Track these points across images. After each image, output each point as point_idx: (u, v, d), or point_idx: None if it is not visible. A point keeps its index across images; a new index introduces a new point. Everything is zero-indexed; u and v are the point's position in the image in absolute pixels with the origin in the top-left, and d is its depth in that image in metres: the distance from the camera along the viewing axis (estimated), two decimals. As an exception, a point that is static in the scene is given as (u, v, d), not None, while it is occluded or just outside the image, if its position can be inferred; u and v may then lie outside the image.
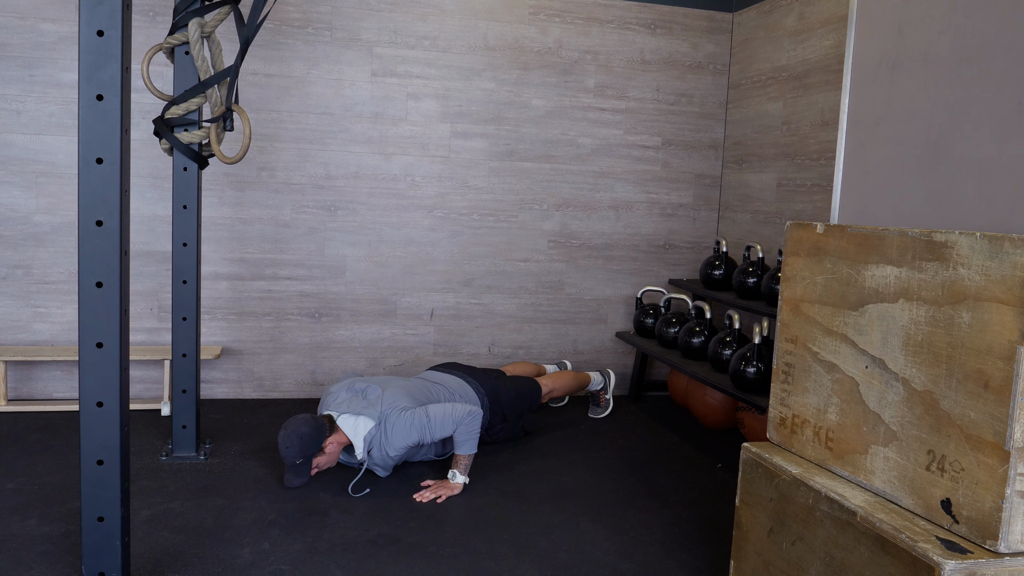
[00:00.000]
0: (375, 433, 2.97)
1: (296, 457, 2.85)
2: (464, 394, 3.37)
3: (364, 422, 2.98)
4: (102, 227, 1.92)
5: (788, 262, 2.13)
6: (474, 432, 2.98)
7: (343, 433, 2.97)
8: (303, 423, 2.88)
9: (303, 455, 2.86)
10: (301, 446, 2.85)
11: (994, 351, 1.53)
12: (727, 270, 3.87)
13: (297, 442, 2.85)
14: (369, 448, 2.98)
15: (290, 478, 2.89)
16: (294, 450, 2.85)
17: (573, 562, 2.46)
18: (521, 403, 3.55)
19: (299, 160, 4.00)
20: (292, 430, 2.86)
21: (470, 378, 3.47)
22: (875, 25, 2.20)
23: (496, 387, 3.48)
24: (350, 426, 2.97)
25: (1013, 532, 1.52)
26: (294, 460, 2.86)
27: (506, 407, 3.46)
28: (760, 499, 2.07)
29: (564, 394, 3.93)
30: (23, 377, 3.86)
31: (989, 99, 1.83)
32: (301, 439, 2.85)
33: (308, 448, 2.86)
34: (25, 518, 2.59)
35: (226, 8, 2.50)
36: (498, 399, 3.45)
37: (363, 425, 2.97)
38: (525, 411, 3.59)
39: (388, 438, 2.97)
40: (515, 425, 3.55)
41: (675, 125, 4.44)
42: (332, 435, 2.95)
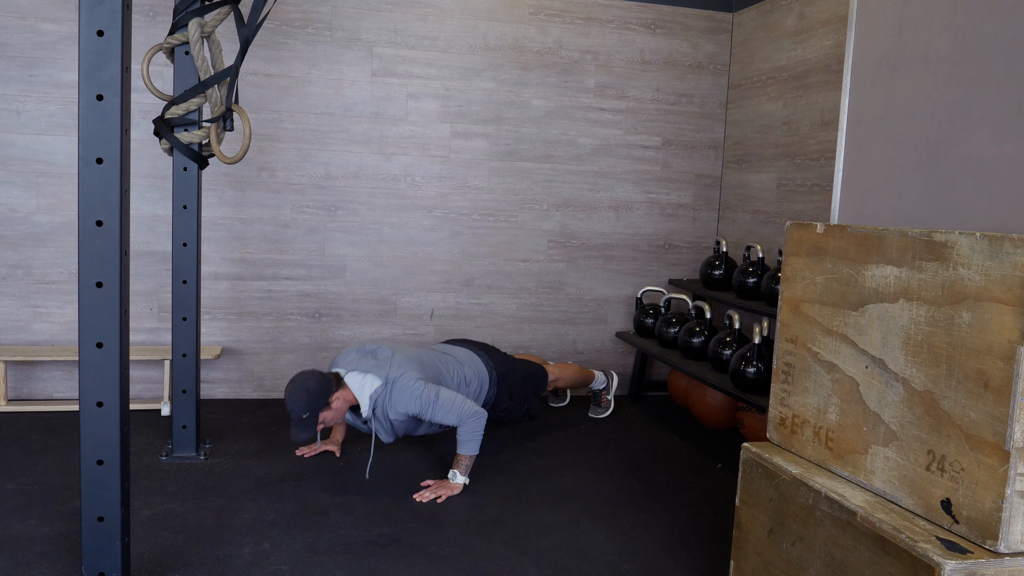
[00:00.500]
0: (381, 392, 2.95)
1: (302, 411, 2.83)
2: (473, 365, 3.37)
3: (371, 380, 2.96)
4: (102, 227, 1.92)
5: (788, 262, 2.13)
6: (477, 433, 2.98)
7: (350, 390, 2.96)
8: (310, 377, 2.87)
9: (309, 409, 2.84)
10: (308, 399, 2.83)
11: (994, 351, 1.53)
12: (727, 270, 3.87)
13: (304, 396, 2.83)
14: (373, 407, 2.97)
15: (296, 432, 2.86)
16: (300, 403, 2.83)
17: (573, 562, 2.46)
18: (528, 384, 3.56)
19: (299, 160, 4.00)
20: (299, 384, 2.85)
21: (481, 352, 3.48)
22: (875, 25, 2.20)
23: (505, 364, 3.50)
24: (357, 383, 2.96)
25: (1013, 532, 1.52)
26: (300, 414, 2.84)
27: (513, 385, 3.47)
28: (760, 499, 2.07)
29: (568, 385, 3.93)
30: (23, 377, 3.86)
31: (989, 99, 1.83)
32: (308, 393, 2.83)
33: (314, 402, 2.84)
34: (25, 518, 2.59)
35: (226, 8, 2.50)
36: (506, 376, 3.46)
37: (370, 383, 2.96)
38: (531, 394, 3.59)
39: (391, 400, 2.95)
40: (521, 407, 3.54)
41: (675, 125, 4.44)
42: (339, 391, 2.94)
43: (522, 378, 3.53)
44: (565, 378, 3.86)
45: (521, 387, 3.52)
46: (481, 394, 3.38)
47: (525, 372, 3.57)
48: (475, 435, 2.98)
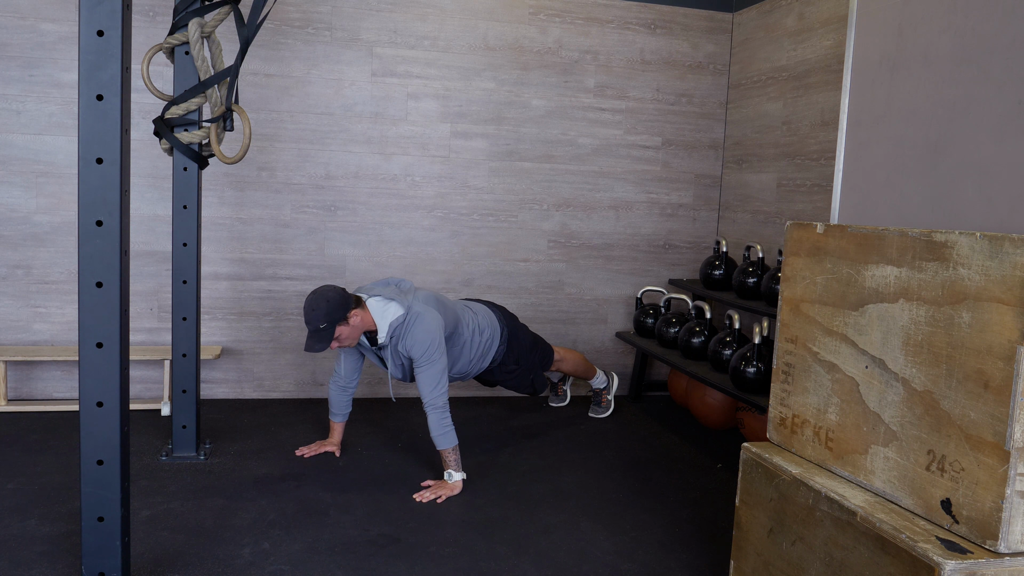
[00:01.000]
0: (401, 323, 2.96)
1: (320, 321, 2.82)
2: (486, 317, 3.39)
3: (394, 308, 2.96)
4: (102, 227, 1.92)
5: (788, 262, 2.13)
6: (444, 425, 2.95)
7: (370, 314, 2.96)
8: (331, 289, 2.88)
9: (328, 319, 2.83)
10: (328, 309, 2.82)
11: (994, 351, 1.53)
12: (727, 270, 3.87)
13: (324, 304, 2.82)
14: (391, 336, 2.97)
15: (311, 343, 2.86)
16: (320, 312, 2.82)
17: (573, 562, 2.46)
18: (535, 353, 3.59)
19: (299, 160, 4.00)
20: (320, 294, 2.85)
21: (496, 310, 3.51)
22: (875, 25, 2.20)
23: (516, 327, 3.53)
24: (380, 309, 2.96)
25: (1013, 532, 1.52)
26: (318, 324, 2.83)
27: (522, 348, 3.50)
28: (760, 499, 2.07)
29: (571, 371, 3.92)
30: (23, 377, 3.86)
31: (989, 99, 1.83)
32: (328, 302, 2.83)
33: (333, 313, 2.83)
34: (25, 518, 2.59)
35: (226, 8, 2.50)
36: (516, 336, 3.49)
37: (392, 311, 2.96)
38: (537, 365, 3.60)
39: (406, 333, 2.95)
40: (526, 376, 3.55)
41: (675, 125, 4.44)
42: (358, 308, 2.94)
43: (531, 345, 3.56)
44: (570, 361, 3.86)
45: (528, 355, 3.54)
46: (491, 347, 3.39)
47: (534, 341, 3.60)
48: (444, 428, 2.95)
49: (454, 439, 2.98)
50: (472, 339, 3.28)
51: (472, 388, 4.32)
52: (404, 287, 3.10)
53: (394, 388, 4.21)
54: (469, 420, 3.88)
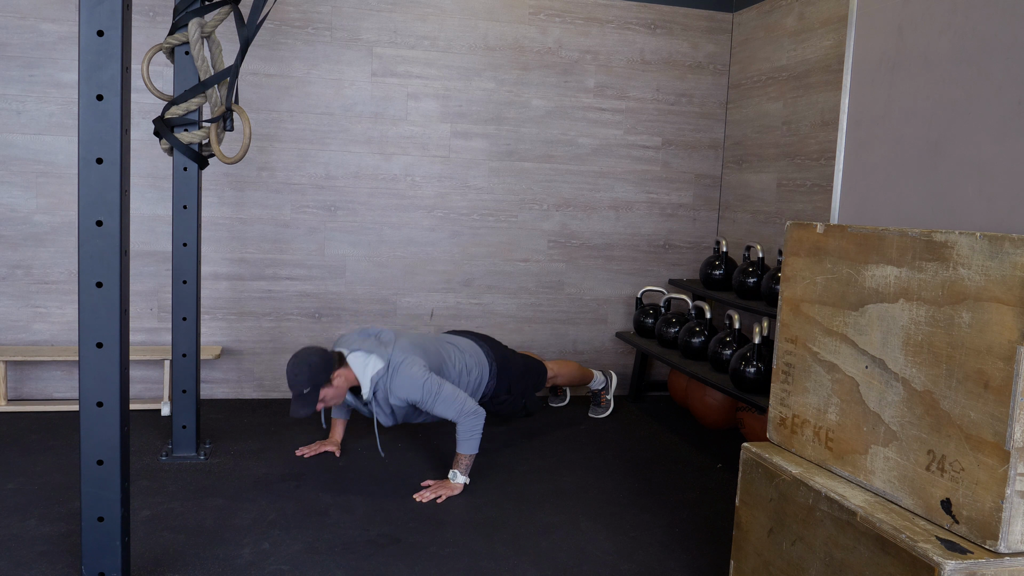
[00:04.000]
0: (383, 375, 2.94)
1: (304, 385, 2.82)
2: (474, 354, 3.37)
3: (374, 362, 2.95)
4: (102, 227, 1.92)
5: (788, 262, 2.13)
6: (476, 431, 2.97)
7: (352, 370, 2.95)
8: (313, 352, 2.86)
9: (311, 384, 2.82)
10: (310, 374, 2.82)
11: (994, 351, 1.53)
12: (727, 270, 3.87)
13: (306, 370, 2.81)
14: (374, 391, 2.96)
15: (296, 408, 2.85)
16: (303, 378, 2.81)
17: (573, 562, 2.46)
18: (527, 379, 3.56)
19: (299, 160, 4.00)
20: (301, 358, 2.84)
21: (482, 342, 3.48)
22: (875, 25, 2.20)
23: (505, 356, 3.50)
24: (360, 364, 2.94)
25: (1013, 532, 1.52)
26: (302, 389, 2.82)
27: (512, 378, 3.48)
28: (760, 499, 2.07)
29: (567, 382, 3.93)
30: (23, 377, 3.86)
31: (989, 99, 1.83)
32: (310, 367, 2.82)
33: (316, 376, 2.83)
34: (25, 518, 2.59)
35: (226, 8, 2.50)
36: (506, 368, 3.46)
37: (372, 365, 2.94)
38: (529, 389, 3.59)
39: (392, 384, 2.94)
40: (519, 401, 3.54)
41: (675, 125, 4.44)
42: (341, 368, 2.93)
43: (522, 372, 3.53)
44: (564, 375, 3.86)
45: (520, 381, 3.52)
46: (481, 384, 3.38)
47: (525, 367, 3.58)
48: (474, 434, 2.97)
49: (476, 447, 2.98)
50: (460, 380, 3.26)
51: (472, 388, 4.32)
52: (384, 338, 3.07)
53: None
54: (469, 420, 3.88)
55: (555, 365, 3.83)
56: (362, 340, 3.05)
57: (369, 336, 3.09)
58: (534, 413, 3.72)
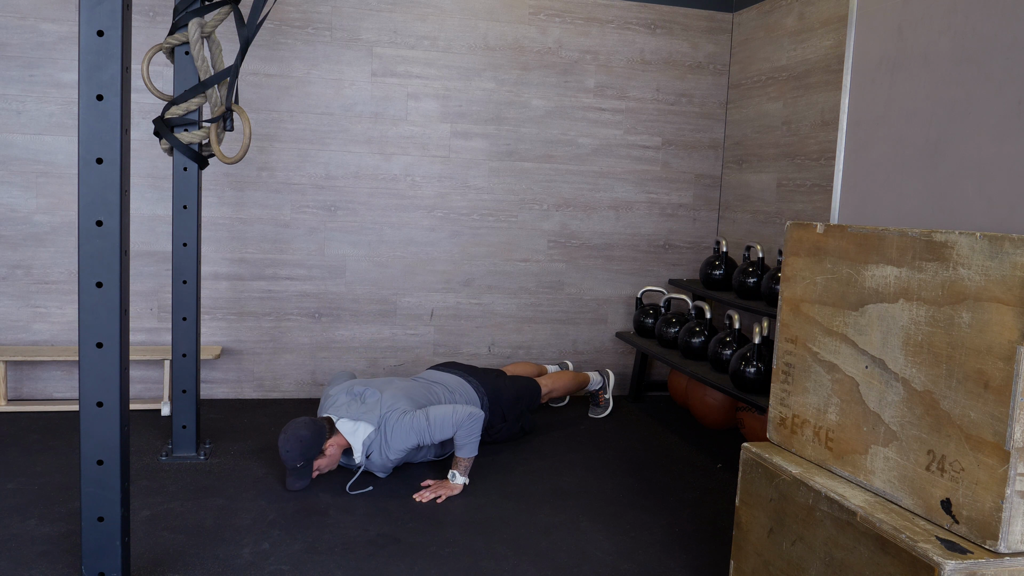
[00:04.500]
0: (374, 438, 2.97)
1: (297, 460, 2.85)
2: (464, 393, 3.36)
3: (363, 427, 2.98)
4: (102, 227, 1.92)
5: (788, 262, 2.13)
6: (475, 435, 2.98)
7: (343, 436, 2.97)
8: (303, 426, 2.88)
9: (304, 458, 2.86)
10: (301, 449, 2.85)
11: (994, 351, 1.52)
12: (727, 270, 3.87)
13: (297, 446, 2.84)
14: (368, 452, 2.98)
15: (292, 481, 2.89)
16: (294, 454, 2.85)
17: (573, 562, 2.46)
18: (521, 403, 3.55)
19: (299, 160, 4.00)
20: (292, 434, 2.86)
21: (471, 377, 3.47)
22: (875, 25, 2.20)
23: (496, 386, 3.48)
24: (349, 431, 2.98)
25: (1013, 532, 1.52)
26: (295, 463, 2.86)
27: (506, 407, 3.46)
28: (760, 499, 2.07)
29: (564, 394, 3.94)
30: (23, 377, 3.86)
31: (989, 99, 1.83)
32: (301, 442, 2.85)
33: (308, 451, 2.86)
34: (25, 518, 2.59)
35: (226, 8, 2.50)
36: (498, 399, 3.44)
37: (362, 430, 2.97)
38: (525, 411, 3.59)
39: (387, 442, 2.96)
40: (515, 425, 3.55)
41: (675, 125, 4.44)
42: (332, 437, 2.95)
43: (514, 398, 3.52)
44: (559, 388, 3.85)
45: (513, 407, 3.51)
46: None
47: (517, 391, 3.55)
48: (472, 437, 2.98)
49: (475, 450, 3.00)
50: None
51: (472, 388, 4.32)
52: (369, 399, 3.08)
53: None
54: (469, 420, 3.88)
55: (548, 381, 3.81)
56: (348, 405, 3.07)
57: (354, 398, 3.10)
58: (531, 431, 3.72)
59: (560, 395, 3.91)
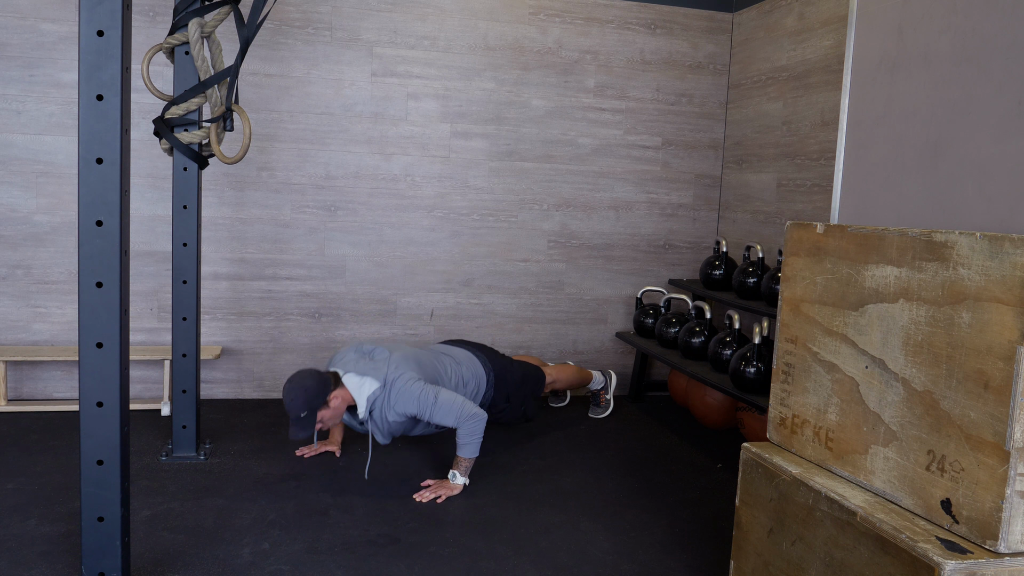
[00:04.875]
0: (379, 395, 2.95)
1: (300, 409, 2.83)
2: (471, 366, 3.37)
3: (369, 383, 2.96)
4: (102, 227, 1.92)
5: (788, 262, 2.13)
6: (477, 435, 2.97)
7: (348, 391, 2.96)
8: (308, 376, 2.87)
9: (307, 407, 2.84)
10: (306, 398, 2.83)
11: (994, 351, 1.53)
12: (727, 270, 3.87)
13: (302, 394, 2.82)
14: (371, 409, 2.97)
15: (295, 431, 2.86)
16: (299, 402, 2.82)
17: (573, 562, 2.46)
18: (526, 386, 3.56)
19: (299, 160, 4.00)
20: (297, 383, 2.84)
21: (479, 353, 3.48)
22: (875, 25, 2.20)
23: (502, 365, 3.50)
24: (355, 385, 2.95)
25: (1013, 532, 1.52)
26: (298, 412, 2.83)
27: (510, 387, 3.47)
28: (760, 499, 2.07)
29: (566, 387, 3.93)
30: (23, 377, 3.86)
31: (989, 99, 1.83)
32: (306, 391, 2.83)
33: (312, 400, 2.84)
34: (25, 518, 2.59)
35: (226, 8, 2.50)
36: (504, 377, 3.45)
37: (368, 386, 2.95)
38: (528, 396, 3.59)
39: (390, 402, 2.95)
40: (517, 408, 3.54)
41: (675, 125, 4.44)
42: (337, 390, 2.94)
43: (519, 380, 3.53)
44: (563, 379, 3.86)
45: (518, 389, 3.52)
46: (478, 395, 3.38)
47: (523, 374, 3.57)
48: (474, 437, 2.97)
49: (476, 451, 2.99)
50: (456, 392, 3.24)
51: (472, 388, 4.32)
52: (378, 357, 3.07)
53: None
54: (469, 420, 3.88)
55: (553, 370, 3.82)
56: (356, 361, 3.06)
57: (363, 355, 3.10)
58: (532, 419, 3.72)
59: (563, 387, 3.91)
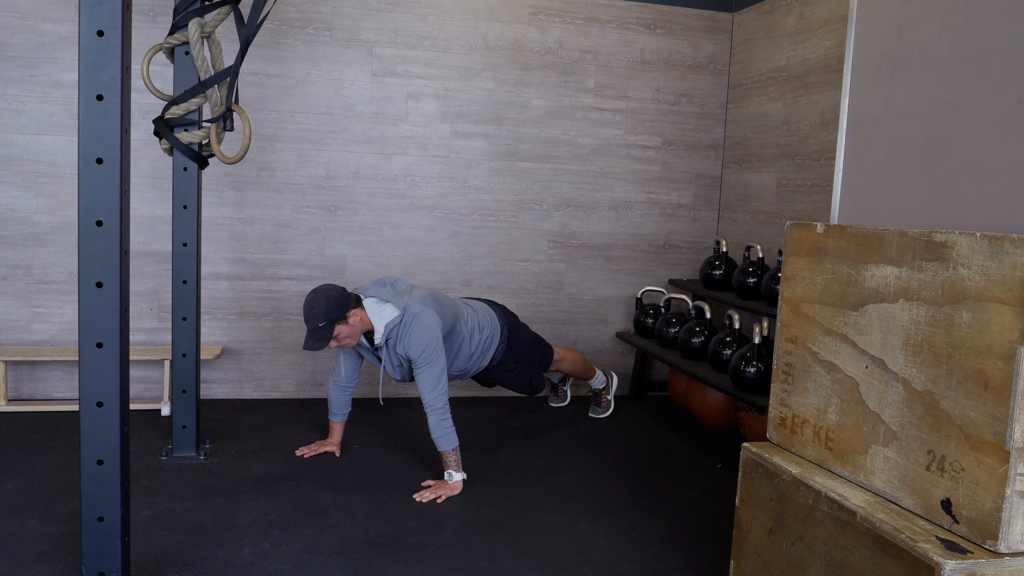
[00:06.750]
0: (396, 323, 2.98)
1: (320, 319, 2.84)
2: (488, 316, 3.40)
3: (389, 310, 2.99)
4: (102, 227, 1.92)
5: (788, 262, 2.13)
6: (445, 427, 2.95)
7: (367, 314, 2.98)
8: (331, 288, 2.90)
9: (327, 318, 2.85)
10: (327, 307, 2.85)
11: (994, 351, 1.53)
12: (727, 270, 3.87)
13: (324, 302, 2.85)
14: (387, 337, 2.99)
15: (310, 341, 2.88)
16: (319, 310, 2.84)
17: (573, 562, 2.46)
18: (535, 353, 3.59)
19: (299, 160, 4.00)
20: (320, 292, 2.88)
21: (497, 308, 3.52)
22: (875, 25, 2.20)
23: (517, 326, 3.54)
24: (376, 310, 2.98)
25: (1013, 532, 1.52)
26: (317, 322, 2.85)
27: (522, 347, 3.50)
28: (760, 499, 2.07)
29: (571, 371, 3.92)
30: (23, 377, 3.86)
31: (989, 99, 1.83)
32: (328, 300, 2.85)
33: (333, 311, 2.86)
34: (25, 518, 2.59)
35: (226, 8, 2.50)
36: (516, 336, 3.49)
37: (388, 313, 2.98)
38: (536, 364, 3.61)
39: (405, 334, 2.97)
40: (524, 374, 3.55)
41: (675, 125, 4.44)
42: (357, 308, 2.96)
43: (531, 344, 3.56)
44: (569, 361, 3.86)
45: (528, 353, 3.54)
46: (491, 345, 3.40)
47: (534, 340, 3.61)
48: (445, 430, 2.96)
49: (455, 440, 2.98)
50: (471, 336, 3.29)
51: (471, 388, 4.32)
52: (400, 287, 3.11)
53: (393, 389, 4.20)
54: (469, 420, 3.88)
55: (562, 351, 3.85)
56: (378, 288, 3.09)
57: (385, 285, 3.13)
58: (538, 392, 3.70)
59: (567, 370, 3.90)
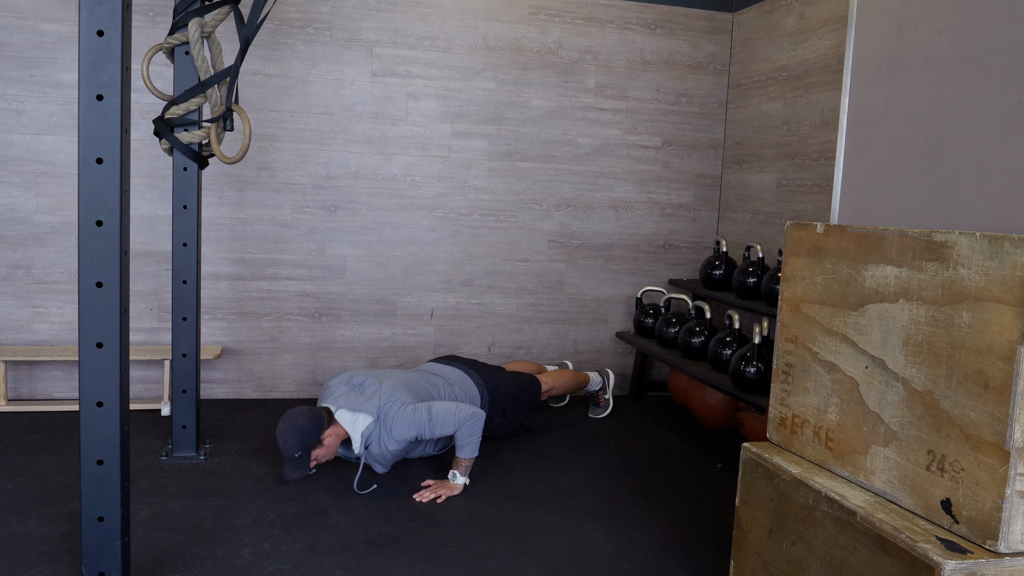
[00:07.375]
0: (373, 428, 2.96)
1: (295, 450, 2.84)
2: (464, 386, 3.36)
3: (362, 418, 2.97)
4: (102, 227, 1.92)
5: (788, 262, 2.13)
6: (476, 435, 2.98)
7: (341, 426, 2.96)
8: (301, 416, 2.87)
9: (301, 448, 2.85)
10: (300, 439, 2.84)
11: (994, 351, 1.53)
12: (727, 270, 3.87)
13: (296, 435, 2.83)
14: (367, 444, 2.97)
15: (289, 471, 2.88)
16: (292, 443, 2.84)
17: (573, 562, 2.46)
18: (521, 399, 3.55)
19: (299, 160, 4.00)
20: (290, 423, 2.85)
21: (471, 371, 3.47)
22: (875, 25, 2.20)
23: (496, 381, 3.48)
24: (348, 421, 2.96)
25: (1013, 532, 1.52)
26: (292, 453, 2.85)
27: (506, 402, 3.46)
28: (760, 499, 2.07)
29: (563, 393, 3.93)
30: (23, 377, 3.86)
31: (989, 99, 1.83)
32: (299, 432, 2.84)
33: (306, 441, 2.85)
34: (25, 518, 2.59)
35: (226, 8, 2.50)
36: (498, 393, 3.45)
37: (361, 421, 2.96)
38: (525, 408, 3.59)
39: (388, 432, 2.95)
40: (515, 421, 3.54)
41: (675, 125, 4.44)
42: (330, 427, 2.94)
43: (514, 394, 3.52)
44: (559, 386, 3.85)
45: (513, 403, 3.51)
46: None
47: (517, 387, 3.55)
48: (473, 437, 2.98)
49: (476, 451, 2.99)
50: None
51: (472, 388, 4.32)
52: (368, 390, 3.07)
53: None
54: (469, 420, 3.87)
55: (549, 378, 3.80)
56: (347, 394, 3.06)
57: (354, 388, 3.09)
58: (531, 429, 3.71)
59: (560, 393, 3.91)
